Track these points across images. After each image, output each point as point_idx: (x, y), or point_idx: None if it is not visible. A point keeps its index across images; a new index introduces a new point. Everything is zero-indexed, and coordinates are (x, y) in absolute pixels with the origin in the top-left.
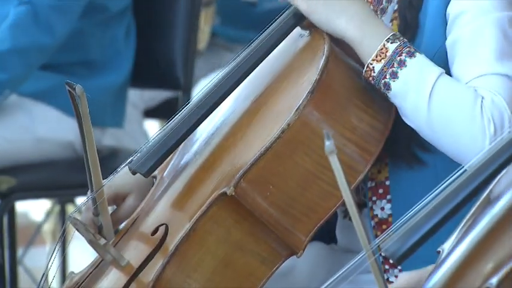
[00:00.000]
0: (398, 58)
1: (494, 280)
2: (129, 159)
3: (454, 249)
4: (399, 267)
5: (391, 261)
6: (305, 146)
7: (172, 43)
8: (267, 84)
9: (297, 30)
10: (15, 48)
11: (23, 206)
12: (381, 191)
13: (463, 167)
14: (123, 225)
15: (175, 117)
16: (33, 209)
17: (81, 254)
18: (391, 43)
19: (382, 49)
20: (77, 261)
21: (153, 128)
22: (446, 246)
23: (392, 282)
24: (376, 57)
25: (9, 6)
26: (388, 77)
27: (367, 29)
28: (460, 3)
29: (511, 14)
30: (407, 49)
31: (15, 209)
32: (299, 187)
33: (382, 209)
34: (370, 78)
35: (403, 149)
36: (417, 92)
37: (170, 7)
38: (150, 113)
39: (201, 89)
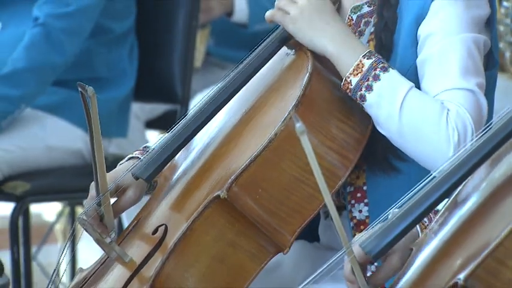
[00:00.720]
0: (373, 73)
1: (462, 275)
2: (132, 166)
3: (426, 247)
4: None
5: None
6: (290, 153)
7: (171, 61)
8: (256, 98)
9: (284, 49)
10: (30, 67)
11: (36, 208)
12: (359, 195)
13: (431, 174)
14: (126, 225)
15: (174, 128)
16: (46, 211)
17: (89, 252)
18: (367, 59)
19: (358, 64)
20: (85, 258)
21: (153, 137)
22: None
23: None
24: (353, 71)
25: (24, 28)
26: (363, 89)
27: (346, 47)
28: (429, 25)
29: (474, 35)
30: (381, 65)
31: (29, 210)
32: (285, 191)
33: (360, 211)
34: (348, 91)
35: (380, 157)
36: (389, 103)
37: (169, 29)
38: (151, 124)
39: (197, 102)
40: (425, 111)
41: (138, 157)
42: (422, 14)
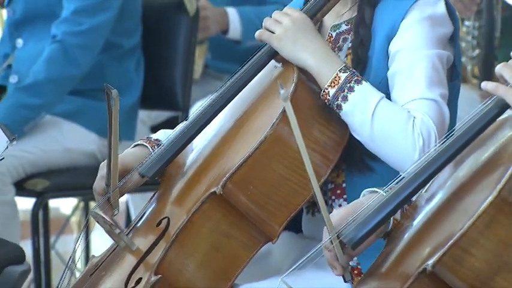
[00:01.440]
0: (348, 85)
1: (430, 262)
2: (138, 165)
3: (398, 238)
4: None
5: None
6: (278, 154)
7: (173, 73)
8: (248, 106)
9: (272, 62)
10: (49, 78)
11: (54, 203)
12: (338, 191)
13: (400, 174)
14: (134, 218)
15: (176, 132)
16: (63, 205)
17: (101, 241)
18: (343, 73)
19: (335, 77)
20: (97, 247)
21: None
22: None
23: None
24: (331, 83)
25: (43, 44)
26: (340, 99)
27: (324, 62)
28: (398, 42)
29: (439, 51)
30: (355, 78)
31: (48, 205)
32: (273, 187)
33: (340, 205)
34: (326, 100)
35: (357, 159)
36: (362, 112)
37: (171, 45)
38: (156, 128)
39: (196, 109)
40: (394, 120)
41: (143, 144)
42: (393, 32)
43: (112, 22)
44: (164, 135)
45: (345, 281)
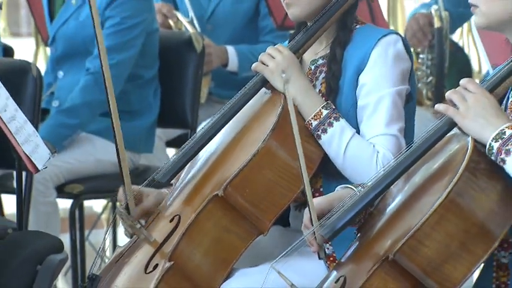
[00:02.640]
0: (328, 120)
1: (393, 249)
2: (155, 173)
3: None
4: (330, 243)
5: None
6: (269, 164)
7: (184, 99)
8: (243, 124)
9: (263, 89)
10: (84, 103)
11: (88, 203)
12: (317, 194)
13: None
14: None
15: (185, 146)
16: (95, 204)
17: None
18: (325, 109)
19: (318, 112)
20: (123, 239)
21: (171, 153)
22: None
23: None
24: (314, 116)
25: (79, 76)
26: (320, 131)
27: (308, 97)
28: (367, 76)
29: (399, 88)
30: (334, 115)
31: (83, 204)
32: (265, 190)
33: None
34: (309, 129)
35: (333, 170)
36: (337, 144)
37: (182, 76)
38: (170, 143)
39: (202, 127)
40: (362, 154)
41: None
42: (362, 65)
43: (135, 58)
44: None
45: (319, 258)
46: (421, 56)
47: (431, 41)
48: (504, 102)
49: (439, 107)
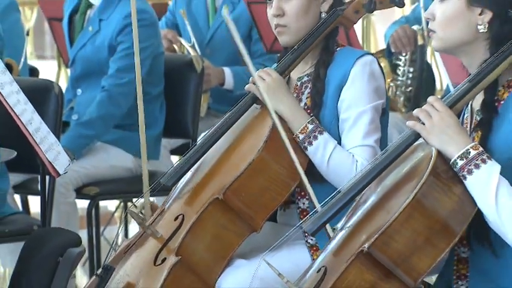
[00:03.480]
0: (313, 134)
1: (366, 245)
2: (160, 177)
3: (343, 228)
4: (313, 237)
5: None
6: (262, 171)
7: (186, 113)
8: (238, 136)
9: (255, 105)
10: (99, 117)
11: (103, 203)
12: (303, 193)
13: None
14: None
15: (187, 153)
16: (109, 204)
17: (136, 230)
18: (310, 124)
19: (304, 127)
20: (133, 234)
21: (174, 159)
22: (339, 225)
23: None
24: (301, 131)
25: (96, 92)
26: (306, 143)
27: (296, 114)
28: (346, 93)
29: (375, 104)
30: (319, 129)
31: (99, 204)
32: (258, 194)
33: (304, 203)
34: (296, 140)
35: (317, 174)
36: (322, 155)
37: (184, 93)
38: (174, 151)
39: (201, 138)
40: (343, 163)
41: None
42: (343, 82)
43: (143, 77)
44: None
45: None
46: (400, 68)
47: (413, 53)
48: (461, 117)
49: (409, 123)
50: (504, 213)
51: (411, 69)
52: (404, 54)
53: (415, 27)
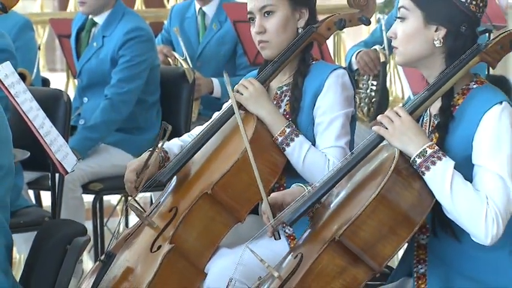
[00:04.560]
0: (291, 136)
1: (337, 234)
2: (156, 174)
3: (316, 221)
4: (290, 227)
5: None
6: (245, 170)
7: (179, 118)
8: (225, 137)
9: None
10: (103, 121)
11: (107, 197)
12: (281, 188)
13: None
14: (153, 206)
15: (180, 153)
16: (112, 198)
17: (135, 221)
18: (288, 128)
19: (283, 130)
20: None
21: None
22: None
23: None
24: (279, 134)
25: (100, 100)
26: (284, 145)
27: (275, 119)
28: (322, 100)
29: (346, 111)
30: (295, 132)
31: (103, 198)
32: (243, 189)
33: None
34: (275, 143)
35: (294, 171)
36: (298, 155)
37: (178, 100)
38: None
39: (193, 139)
40: (316, 162)
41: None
42: (318, 91)
43: (141, 86)
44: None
45: (275, 239)
46: (364, 82)
47: (378, 71)
48: (420, 121)
49: (374, 127)
50: (458, 202)
51: (374, 83)
52: (367, 78)
53: (376, 47)
